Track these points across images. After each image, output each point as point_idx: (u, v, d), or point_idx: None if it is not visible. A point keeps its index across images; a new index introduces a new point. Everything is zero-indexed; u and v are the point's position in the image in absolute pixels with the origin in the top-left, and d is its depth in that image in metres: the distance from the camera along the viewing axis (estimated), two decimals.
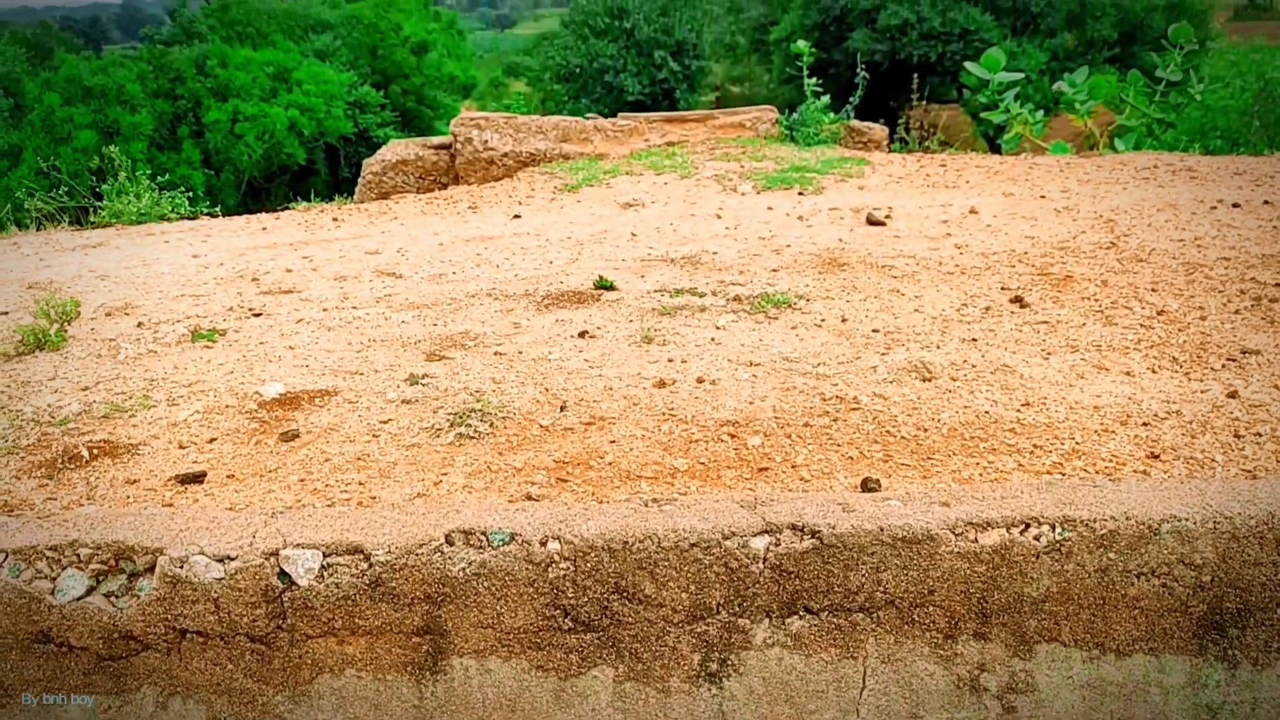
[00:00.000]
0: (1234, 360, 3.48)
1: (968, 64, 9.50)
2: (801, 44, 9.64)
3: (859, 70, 9.83)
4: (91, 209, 7.99)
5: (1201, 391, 3.25)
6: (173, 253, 6.07)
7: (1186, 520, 2.47)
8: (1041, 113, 9.52)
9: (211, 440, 3.19)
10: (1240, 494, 2.55)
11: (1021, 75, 9.61)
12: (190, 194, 8.49)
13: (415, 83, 34.55)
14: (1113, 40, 30.92)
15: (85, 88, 25.36)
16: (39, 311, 4.19)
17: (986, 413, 3.14)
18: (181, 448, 3.14)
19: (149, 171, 8.62)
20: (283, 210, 7.64)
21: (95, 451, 3.12)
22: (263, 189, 29.05)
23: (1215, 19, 32.71)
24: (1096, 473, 2.78)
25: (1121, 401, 3.19)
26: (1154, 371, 3.42)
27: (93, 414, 3.41)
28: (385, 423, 3.24)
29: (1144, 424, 3.04)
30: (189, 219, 7.81)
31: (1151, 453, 2.87)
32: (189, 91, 27.73)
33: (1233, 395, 3.19)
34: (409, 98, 34.29)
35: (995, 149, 11.49)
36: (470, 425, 3.17)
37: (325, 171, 30.58)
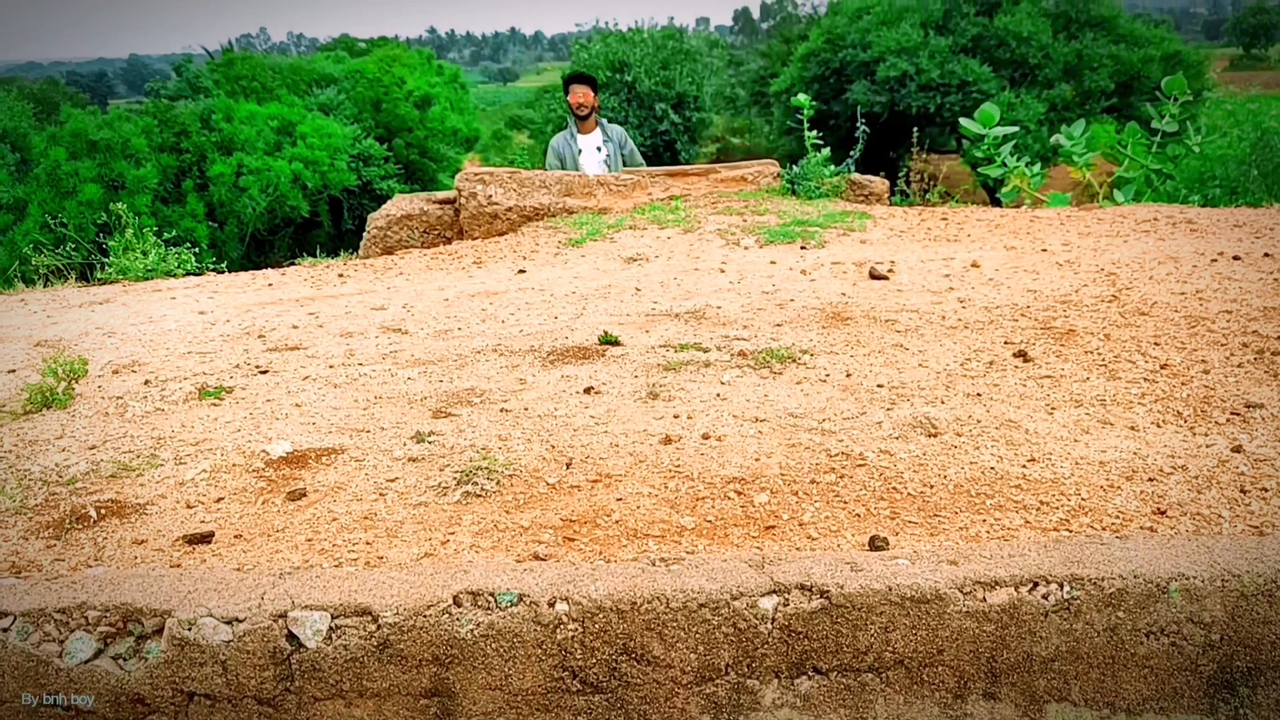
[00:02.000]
0: (1238, 414, 3.49)
1: (963, 119, 9.58)
2: (802, 97, 9.70)
3: (859, 123, 9.90)
4: (98, 264, 8.04)
5: (1206, 446, 3.25)
6: (179, 309, 6.11)
7: (1194, 578, 2.47)
8: (1039, 165, 9.60)
9: (219, 500, 3.19)
10: (1248, 551, 2.55)
11: (1016, 129, 9.69)
12: (195, 249, 8.56)
13: (418, 136, 34.87)
14: (1110, 91, 31.25)
15: (91, 142, 25.53)
16: (46, 370, 4.21)
17: (992, 469, 3.15)
18: (189, 507, 3.15)
19: (155, 227, 8.70)
20: (289, 266, 7.69)
21: (103, 511, 3.12)
22: (266, 241, 29.21)
23: (1211, 69, 33.07)
24: (1103, 529, 2.78)
25: (1127, 456, 3.19)
26: (1158, 426, 3.43)
27: (100, 473, 3.41)
28: (392, 481, 3.25)
29: (1150, 479, 3.04)
30: (195, 275, 7.87)
31: (1158, 508, 2.87)
32: (194, 145, 27.97)
33: (1238, 450, 3.20)
34: (412, 151, 34.60)
35: (995, 199, 11.58)
36: (477, 483, 3.18)
37: (328, 224, 30.79)
